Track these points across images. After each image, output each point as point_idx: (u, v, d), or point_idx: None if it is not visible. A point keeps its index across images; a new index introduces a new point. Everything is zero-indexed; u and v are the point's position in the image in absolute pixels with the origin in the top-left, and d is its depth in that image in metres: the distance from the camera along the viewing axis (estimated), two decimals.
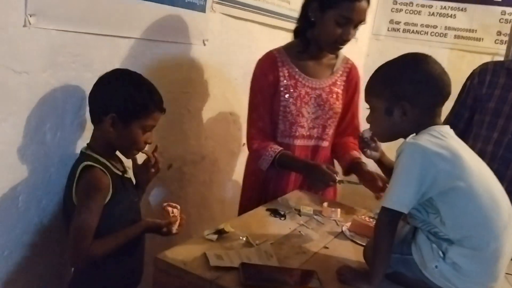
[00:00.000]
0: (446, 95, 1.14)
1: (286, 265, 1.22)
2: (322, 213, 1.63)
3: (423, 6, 3.37)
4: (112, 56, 1.52)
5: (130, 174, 1.50)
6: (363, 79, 1.85)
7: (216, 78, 2.09)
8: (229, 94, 2.21)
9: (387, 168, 1.48)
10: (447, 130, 1.14)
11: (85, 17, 1.38)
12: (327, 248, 1.38)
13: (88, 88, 1.40)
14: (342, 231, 1.51)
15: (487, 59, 2.53)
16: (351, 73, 1.87)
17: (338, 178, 1.61)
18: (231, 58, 2.15)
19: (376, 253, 1.12)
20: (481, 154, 2.02)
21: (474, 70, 2.11)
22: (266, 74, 1.78)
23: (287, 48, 1.83)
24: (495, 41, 3.19)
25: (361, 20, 1.66)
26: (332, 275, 1.19)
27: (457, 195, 1.05)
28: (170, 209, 1.44)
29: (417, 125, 1.13)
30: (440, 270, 1.07)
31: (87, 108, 1.42)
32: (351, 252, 1.37)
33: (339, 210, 1.63)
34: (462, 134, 2.09)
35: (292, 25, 2.42)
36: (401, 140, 1.17)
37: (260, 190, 1.86)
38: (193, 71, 1.93)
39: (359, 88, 1.89)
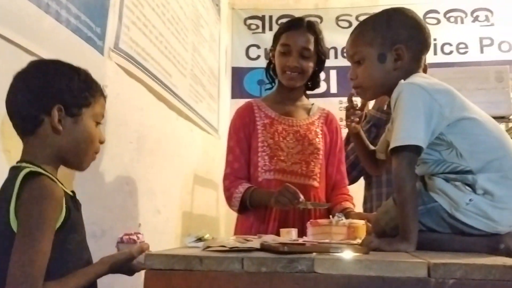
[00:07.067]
0: (429, 44, 1.19)
1: None
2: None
3: None
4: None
5: None
6: None
7: (113, 135, 1.82)
8: (125, 159, 1.94)
9: (363, 144, 1.44)
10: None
11: None
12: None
13: None
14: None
15: None
16: (329, 118, 1.97)
17: (302, 199, 1.54)
18: (126, 117, 1.93)
19: (403, 204, 1.00)
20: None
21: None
22: (242, 117, 1.91)
23: (264, 98, 2.01)
24: None
25: (302, 47, 1.81)
26: None
27: (466, 124, 1.05)
28: (134, 236, 1.10)
29: (406, 73, 1.14)
30: (474, 204, 1.00)
31: None
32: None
33: (295, 230, 1.45)
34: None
35: (175, 101, 2.40)
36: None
37: None
38: None
39: (341, 134, 1.98)
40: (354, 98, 1.47)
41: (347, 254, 0.85)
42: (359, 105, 1.49)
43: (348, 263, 0.78)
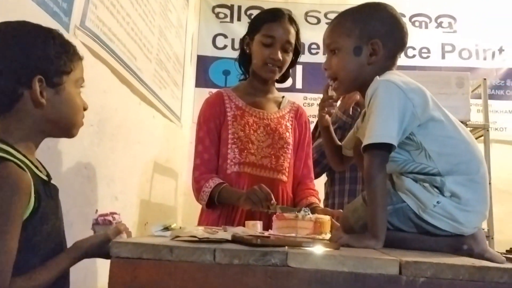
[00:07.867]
0: (406, 43, 1.19)
1: None
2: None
3: None
4: None
5: None
6: None
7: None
8: (85, 142, 1.86)
9: (331, 139, 1.43)
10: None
11: None
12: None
13: None
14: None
15: None
16: (298, 112, 1.96)
17: (273, 201, 1.51)
18: (88, 98, 1.82)
19: (373, 202, 1.01)
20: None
21: None
22: (213, 106, 1.85)
23: (234, 87, 1.94)
24: None
25: (286, 40, 1.77)
26: None
27: (436, 125, 1.06)
28: (109, 217, 1.05)
29: (381, 69, 1.14)
30: (442, 206, 1.02)
31: None
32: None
33: (260, 223, 1.44)
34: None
35: (138, 85, 2.33)
36: None
37: None
38: None
39: (309, 128, 1.96)
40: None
41: (319, 249, 0.85)
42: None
43: (321, 258, 0.78)
